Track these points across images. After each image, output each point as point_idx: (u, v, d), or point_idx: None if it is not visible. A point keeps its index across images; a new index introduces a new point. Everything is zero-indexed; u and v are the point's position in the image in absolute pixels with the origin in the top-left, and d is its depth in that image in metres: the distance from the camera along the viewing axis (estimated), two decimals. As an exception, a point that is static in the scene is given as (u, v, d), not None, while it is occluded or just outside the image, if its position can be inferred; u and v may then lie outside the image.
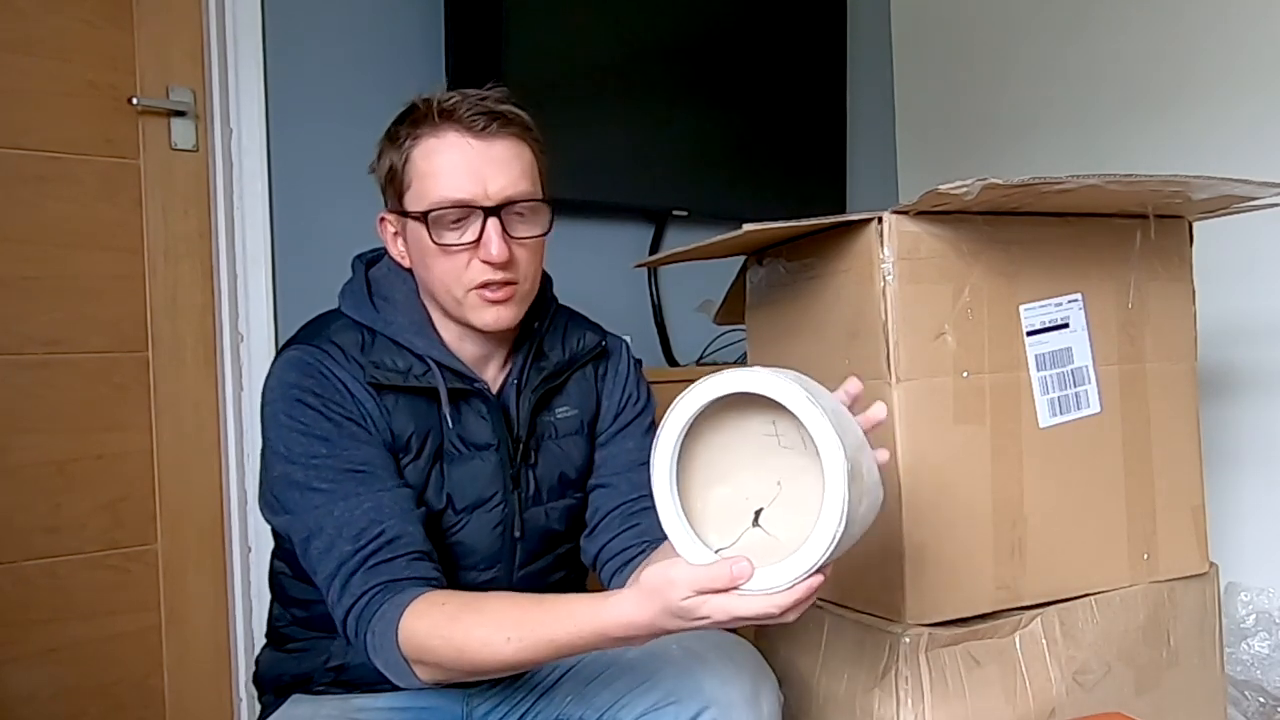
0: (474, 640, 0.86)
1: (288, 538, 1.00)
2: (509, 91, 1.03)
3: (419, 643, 0.88)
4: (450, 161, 0.98)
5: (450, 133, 0.98)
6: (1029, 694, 1.12)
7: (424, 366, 1.03)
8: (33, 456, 1.57)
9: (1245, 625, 1.81)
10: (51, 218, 1.60)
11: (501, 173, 0.99)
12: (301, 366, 1.00)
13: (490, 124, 0.98)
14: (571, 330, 1.15)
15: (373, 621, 0.90)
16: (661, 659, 0.97)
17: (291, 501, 0.97)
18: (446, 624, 0.88)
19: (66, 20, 1.62)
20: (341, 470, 0.97)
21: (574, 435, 1.13)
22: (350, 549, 0.93)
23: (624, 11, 2.08)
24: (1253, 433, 1.90)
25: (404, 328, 1.04)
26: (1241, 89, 1.90)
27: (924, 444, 1.08)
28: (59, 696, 1.57)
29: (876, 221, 1.07)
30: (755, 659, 0.99)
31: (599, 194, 1.98)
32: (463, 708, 1.08)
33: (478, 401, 1.06)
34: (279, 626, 1.12)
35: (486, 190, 0.98)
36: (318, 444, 0.97)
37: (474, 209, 0.98)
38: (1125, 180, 0.98)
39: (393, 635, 0.88)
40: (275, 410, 1.00)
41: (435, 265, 1.00)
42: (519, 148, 1.01)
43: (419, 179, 1.00)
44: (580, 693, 1.01)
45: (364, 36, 1.90)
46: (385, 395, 1.01)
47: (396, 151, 1.02)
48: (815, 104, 2.38)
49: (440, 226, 0.98)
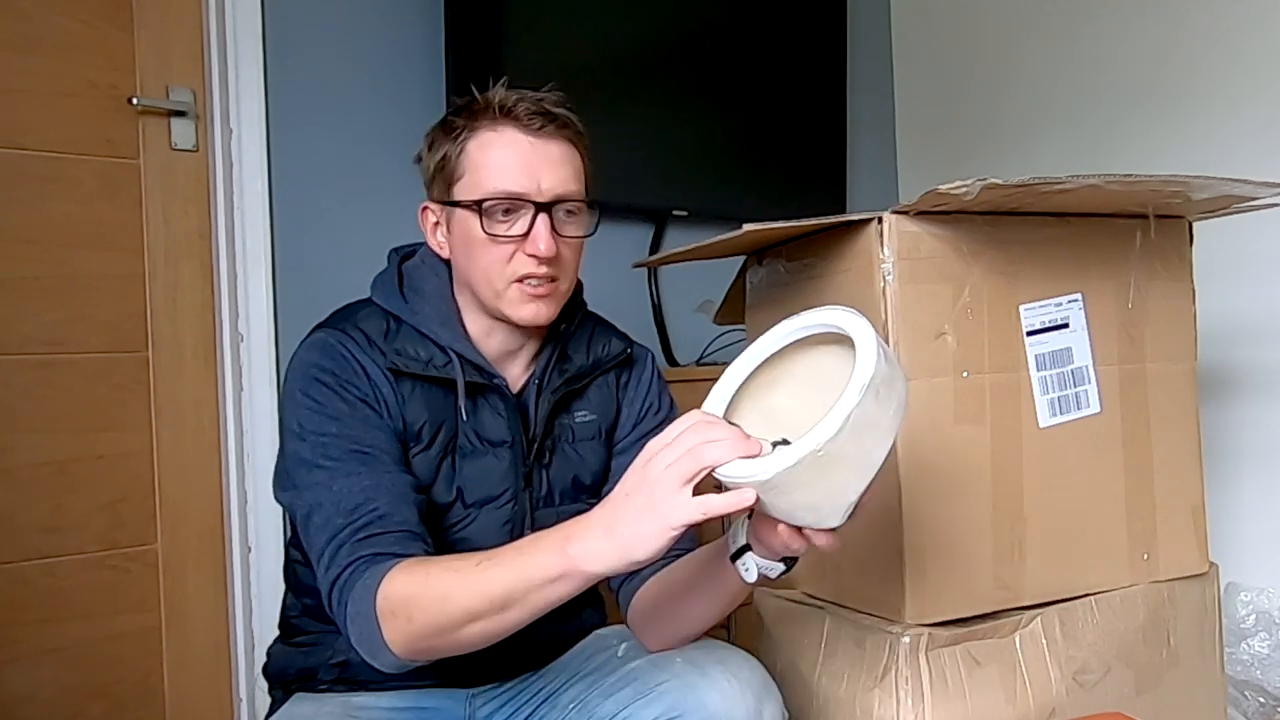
0: (442, 569, 0.86)
1: (293, 515, 1.00)
2: (564, 95, 1.06)
3: (391, 593, 0.86)
4: (507, 155, 1.01)
5: (508, 129, 1.02)
6: (1029, 694, 1.12)
7: (445, 358, 1.05)
8: (33, 456, 1.57)
9: (1245, 625, 1.81)
10: (51, 218, 1.60)
11: (554, 171, 1.02)
12: (323, 347, 1.02)
13: (547, 124, 1.02)
14: (598, 336, 1.16)
15: (355, 589, 0.89)
16: (666, 671, 0.96)
17: (298, 477, 0.98)
18: (420, 568, 0.87)
19: (66, 20, 1.62)
20: (348, 450, 0.97)
21: (591, 441, 1.13)
22: (342, 522, 0.93)
23: (624, 12, 2.08)
24: (1253, 433, 1.90)
25: (430, 318, 1.06)
26: (1243, 90, 1.90)
27: (924, 444, 1.08)
28: (59, 696, 1.57)
29: (876, 221, 1.07)
30: (760, 674, 0.98)
31: (599, 194, 1.97)
32: (465, 709, 1.07)
33: (495, 398, 1.07)
34: (290, 617, 1.12)
35: (540, 186, 1.01)
36: (328, 422, 0.98)
37: (526, 203, 1.01)
38: (1125, 180, 0.98)
39: (371, 599, 0.87)
40: (293, 388, 1.01)
41: (480, 255, 1.02)
42: (571, 150, 1.05)
43: (473, 170, 1.02)
44: (584, 700, 1.01)
45: (364, 37, 1.90)
46: (403, 382, 1.03)
47: (451, 142, 1.04)
48: (815, 104, 2.38)
49: (491, 217, 1.01)
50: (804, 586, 1.26)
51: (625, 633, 1.08)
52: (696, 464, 0.75)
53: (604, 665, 1.03)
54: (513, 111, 1.02)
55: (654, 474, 0.76)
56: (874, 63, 2.66)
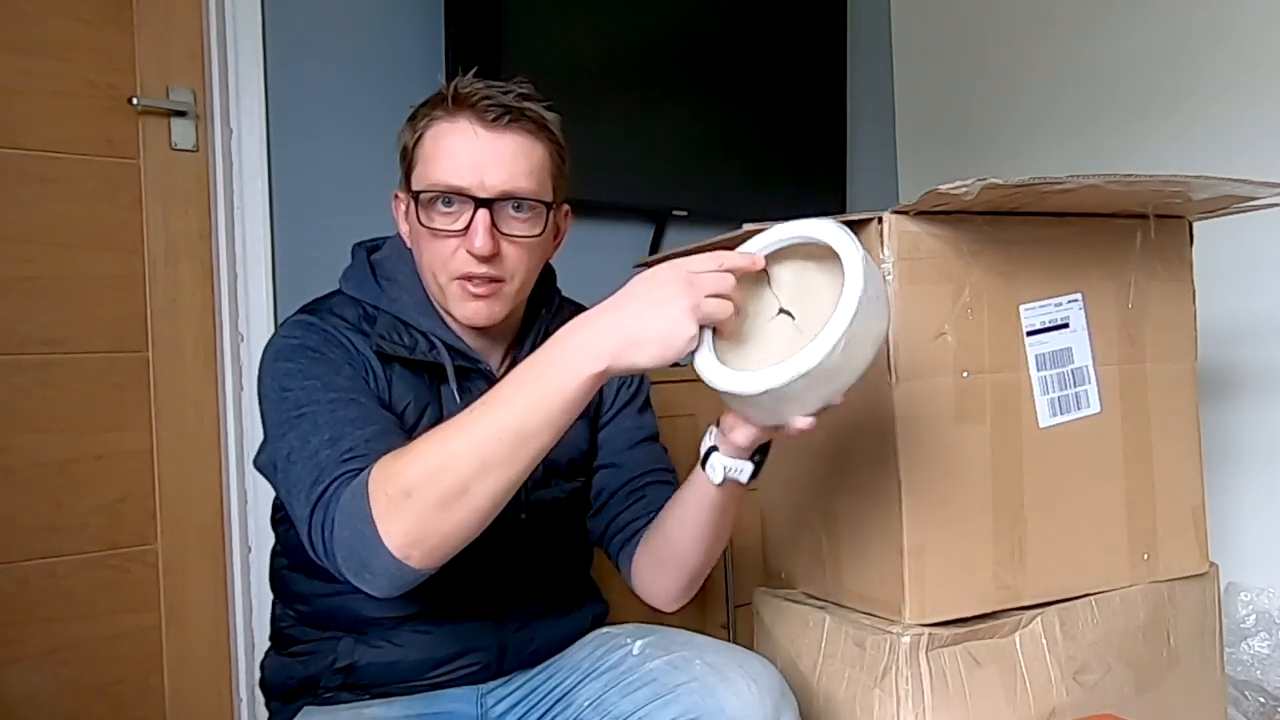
0: (435, 433, 0.83)
1: (272, 468, 0.96)
2: (535, 88, 1.03)
3: (384, 474, 0.82)
4: (453, 147, 0.98)
5: (462, 119, 0.99)
6: (1029, 694, 1.12)
7: (429, 344, 1.04)
8: (33, 456, 1.57)
9: (1245, 625, 1.81)
10: (51, 218, 1.60)
11: (502, 167, 0.98)
12: (305, 325, 1.01)
13: (502, 116, 0.98)
14: None
15: (341, 497, 0.85)
16: (685, 672, 0.96)
17: (278, 429, 0.94)
18: (411, 445, 0.84)
19: (66, 20, 1.62)
20: (332, 397, 0.94)
21: (577, 420, 1.13)
22: (328, 453, 0.89)
23: (624, 12, 2.08)
24: (1253, 433, 1.90)
25: (409, 306, 1.05)
26: (1243, 90, 1.90)
27: (924, 444, 1.08)
28: (59, 696, 1.57)
29: (876, 221, 1.07)
30: (779, 680, 0.97)
31: (599, 194, 1.97)
32: (478, 709, 1.07)
33: (480, 381, 1.05)
34: (283, 628, 1.10)
35: (483, 181, 0.97)
36: (314, 378, 0.95)
37: (466, 198, 0.98)
38: (1125, 180, 0.98)
39: (362, 492, 0.82)
40: (272, 362, 0.99)
41: (424, 249, 1.01)
42: (529, 145, 1.00)
43: (424, 159, 1.00)
44: (600, 699, 1.00)
45: (364, 36, 1.90)
46: (390, 365, 1.02)
47: (411, 130, 1.03)
48: (815, 104, 2.38)
49: (431, 209, 0.99)
50: (804, 586, 1.26)
51: (638, 630, 1.08)
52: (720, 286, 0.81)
53: (620, 663, 1.02)
54: (469, 100, 0.98)
55: (676, 290, 0.79)
56: (874, 63, 2.66)
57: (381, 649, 1.03)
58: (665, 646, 1.01)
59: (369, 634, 1.04)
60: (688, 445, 1.02)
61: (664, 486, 1.12)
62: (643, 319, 0.80)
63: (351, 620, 1.04)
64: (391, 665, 1.03)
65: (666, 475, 1.15)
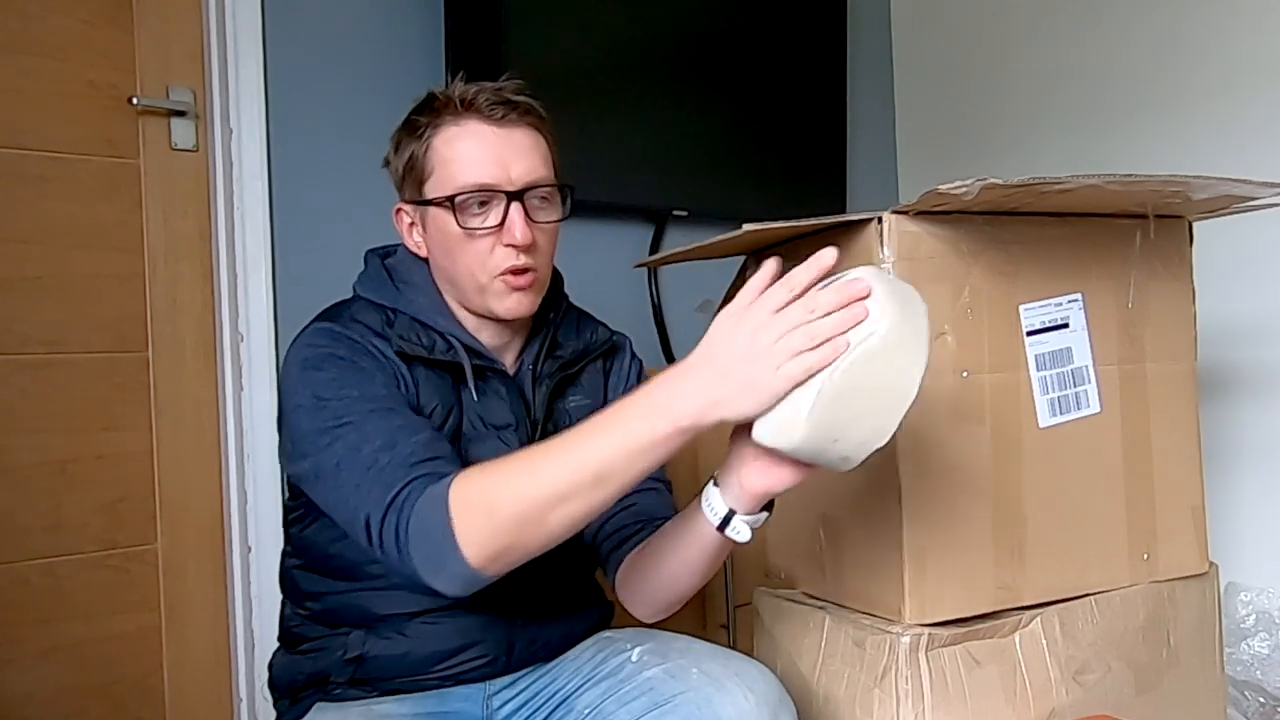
0: (520, 457, 0.88)
1: (313, 478, 0.97)
2: (528, 85, 1.06)
3: (468, 488, 0.86)
4: (473, 148, 1.01)
5: (471, 121, 1.02)
6: (1029, 694, 1.12)
7: (446, 344, 1.06)
8: (33, 456, 1.57)
9: (1245, 625, 1.81)
10: (51, 218, 1.60)
11: (522, 159, 1.02)
12: (331, 333, 1.02)
13: (509, 113, 1.02)
14: (584, 324, 1.19)
15: (419, 501, 0.88)
16: (683, 682, 0.96)
17: (318, 440, 0.95)
18: (495, 465, 0.89)
19: (66, 20, 1.62)
20: (372, 408, 0.96)
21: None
22: (386, 457, 0.91)
23: (624, 12, 2.08)
24: (1253, 433, 1.90)
25: (425, 308, 1.07)
26: (1243, 90, 1.90)
27: (924, 444, 1.08)
28: (59, 696, 1.57)
29: (876, 221, 1.07)
30: (776, 688, 0.97)
31: (599, 194, 1.97)
32: (483, 710, 1.08)
33: (497, 382, 1.08)
34: (291, 627, 1.11)
35: (509, 175, 1.01)
36: (349, 388, 0.97)
37: (498, 193, 1.01)
38: (1125, 180, 0.98)
39: (443, 502, 0.86)
40: (300, 369, 1.00)
41: (460, 252, 1.03)
42: (536, 136, 1.05)
43: (441, 165, 1.02)
44: (598, 708, 1.01)
45: (364, 36, 1.90)
46: (413, 367, 1.03)
47: (416, 140, 1.04)
48: (815, 104, 2.38)
49: (465, 211, 1.01)
50: (804, 586, 1.26)
51: (638, 635, 1.08)
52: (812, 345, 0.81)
53: (618, 670, 1.03)
54: (474, 103, 1.02)
55: (762, 345, 0.81)
56: (874, 63, 2.66)
57: (392, 640, 1.04)
58: (663, 654, 1.02)
59: (379, 628, 1.05)
60: (685, 452, 1.02)
61: (653, 494, 1.13)
62: (731, 377, 0.82)
63: (363, 616, 1.05)
64: (401, 657, 1.04)
65: (656, 484, 1.15)
